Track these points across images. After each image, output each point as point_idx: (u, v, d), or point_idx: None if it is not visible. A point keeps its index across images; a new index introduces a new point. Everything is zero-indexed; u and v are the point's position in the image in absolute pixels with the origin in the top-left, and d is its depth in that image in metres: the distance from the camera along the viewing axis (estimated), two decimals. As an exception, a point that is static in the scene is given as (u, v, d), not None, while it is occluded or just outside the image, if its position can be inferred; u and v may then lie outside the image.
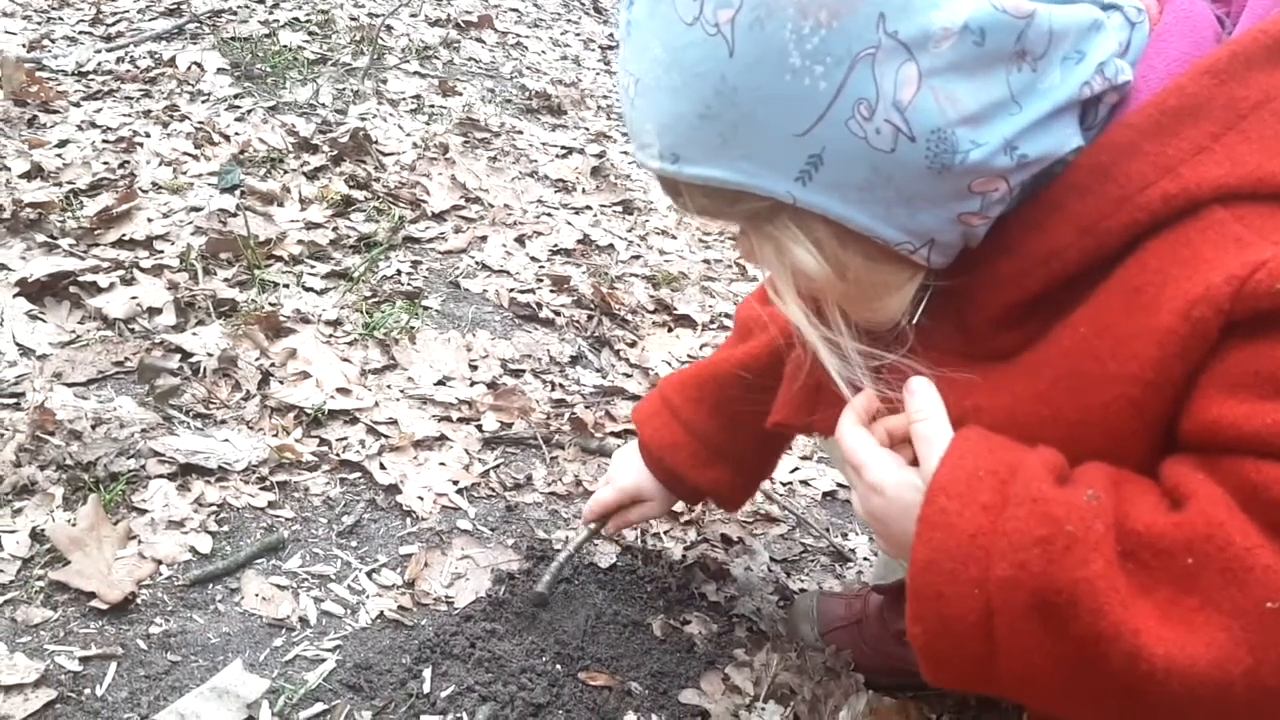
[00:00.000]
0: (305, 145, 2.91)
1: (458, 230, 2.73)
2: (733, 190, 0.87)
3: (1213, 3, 0.95)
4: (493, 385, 2.13)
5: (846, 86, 0.79)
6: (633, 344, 2.45)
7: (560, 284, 2.57)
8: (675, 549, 1.80)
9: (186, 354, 1.97)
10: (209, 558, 1.57)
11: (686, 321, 2.59)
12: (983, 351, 0.98)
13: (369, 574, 1.61)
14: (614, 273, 2.72)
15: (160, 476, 1.67)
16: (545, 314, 2.44)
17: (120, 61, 3.30)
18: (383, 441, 1.88)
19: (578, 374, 2.27)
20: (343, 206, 2.65)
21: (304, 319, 2.16)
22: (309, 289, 2.29)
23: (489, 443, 1.97)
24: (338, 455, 1.82)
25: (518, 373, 2.21)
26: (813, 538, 1.94)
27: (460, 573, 1.64)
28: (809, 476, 2.11)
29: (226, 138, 2.87)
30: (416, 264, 2.51)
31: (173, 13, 3.71)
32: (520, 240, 2.77)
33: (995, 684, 0.87)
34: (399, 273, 2.44)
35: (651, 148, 0.89)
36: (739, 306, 1.57)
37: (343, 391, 1.97)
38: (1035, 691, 0.87)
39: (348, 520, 1.70)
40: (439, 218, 2.76)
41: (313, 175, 2.78)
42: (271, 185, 2.64)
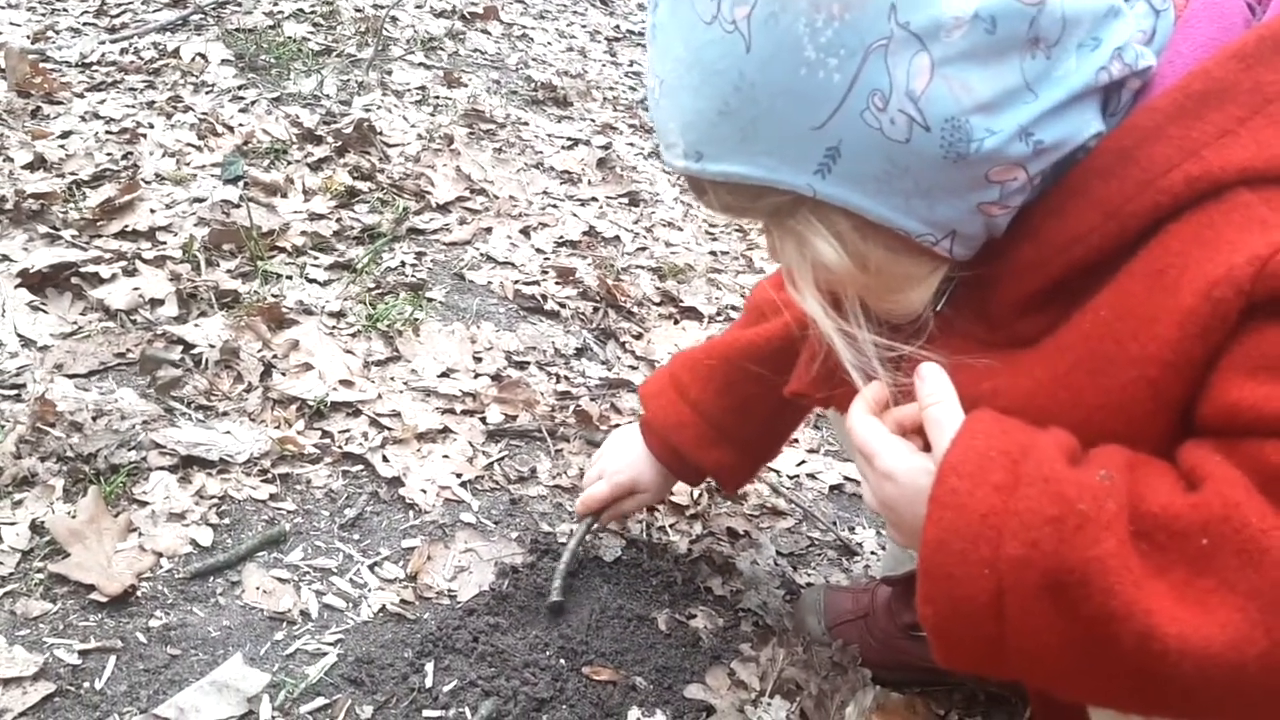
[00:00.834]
0: (309, 136, 2.89)
1: (462, 222, 2.71)
2: (755, 186, 0.88)
3: None
4: (497, 377, 2.11)
5: (860, 78, 0.80)
6: (638, 336, 2.43)
7: (565, 276, 2.55)
8: (681, 543, 1.78)
9: (188, 345, 1.96)
10: (210, 550, 1.55)
11: (692, 314, 2.58)
12: (1004, 338, 0.97)
13: (371, 567, 1.59)
14: (619, 264, 2.70)
15: (161, 469, 1.66)
16: (550, 306, 2.42)
17: (124, 53, 3.29)
18: (385, 434, 1.86)
19: (583, 366, 2.25)
20: (346, 198, 2.63)
21: (307, 310, 2.15)
22: (312, 280, 2.28)
23: (493, 435, 1.96)
24: (340, 447, 1.81)
25: (522, 365, 2.19)
26: (819, 531, 1.92)
27: (463, 566, 1.63)
28: (816, 470, 2.09)
29: (230, 129, 2.85)
30: (421, 255, 2.50)
31: (177, 4, 3.69)
32: (525, 232, 2.75)
33: (1007, 665, 0.86)
34: (403, 264, 2.43)
35: (676, 147, 0.90)
36: (753, 289, 1.56)
37: (345, 383, 1.95)
38: (1047, 672, 0.86)
39: (350, 513, 1.68)
40: (444, 209, 2.75)
41: (316, 166, 2.76)
42: (275, 176, 2.62)
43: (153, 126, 2.80)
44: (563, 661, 1.45)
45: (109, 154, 2.60)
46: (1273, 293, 0.79)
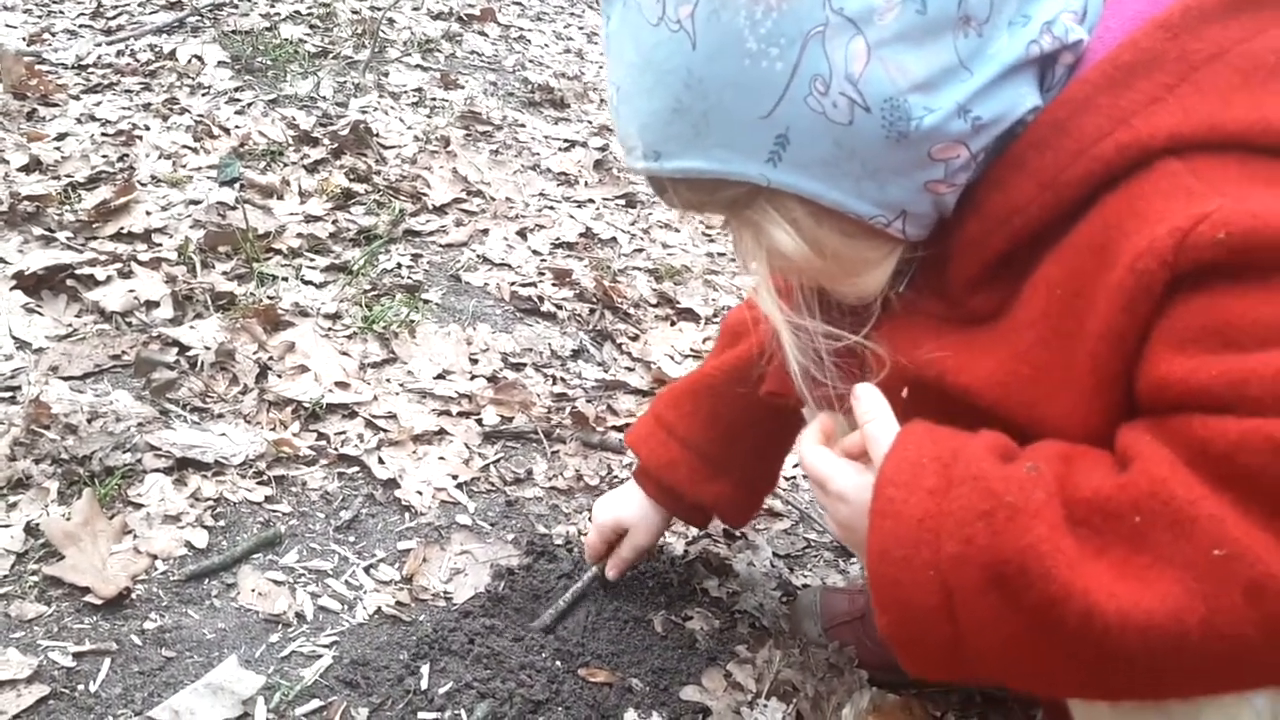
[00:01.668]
0: (305, 138, 2.89)
1: (459, 223, 2.71)
2: (711, 179, 0.91)
3: None
4: (493, 379, 2.11)
5: (801, 65, 0.82)
6: (635, 338, 2.43)
7: (562, 277, 2.55)
8: (677, 544, 1.78)
9: (184, 347, 1.95)
10: (205, 553, 1.55)
11: (689, 315, 2.57)
12: (963, 315, 0.99)
13: (367, 569, 1.59)
14: (616, 266, 2.70)
15: (156, 471, 1.65)
16: (547, 307, 2.42)
17: (120, 55, 3.29)
18: (381, 436, 1.86)
19: (579, 368, 2.25)
20: (343, 200, 2.63)
21: (303, 312, 2.15)
22: (308, 282, 2.27)
23: (489, 437, 1.95)
24: (336, 449, 1.80)
25: (518, 366, 2.19)
26: (816, 533, 1.92)
27: (459, 568, 1.63)
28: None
29: (226, 131, 2.85)
30: (417, 257, 2.49)
31: (173, 6, 3.69)
32: (522, 233, 2.75)
33: (967, 665, 0.87)
34: (399, 266, 2.43)
35: (636, 150, 0.93)
36: (726, 315, 1.55)
37: (341, 385, 1.95)
38: (1005, 668, 0.88)
39: (345, 515, 1.68)
40: (440, 211, 2.74)
41: (313, 168, 2.76)
42: (271, 178, 2.62)
43: (149, 128, 2.80)
44: (558, 663, 1.44)
45: (105, 156, 2.60)
46: (1195, 264, 0.79)
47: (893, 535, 0.87)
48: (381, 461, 1.80)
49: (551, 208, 2.96)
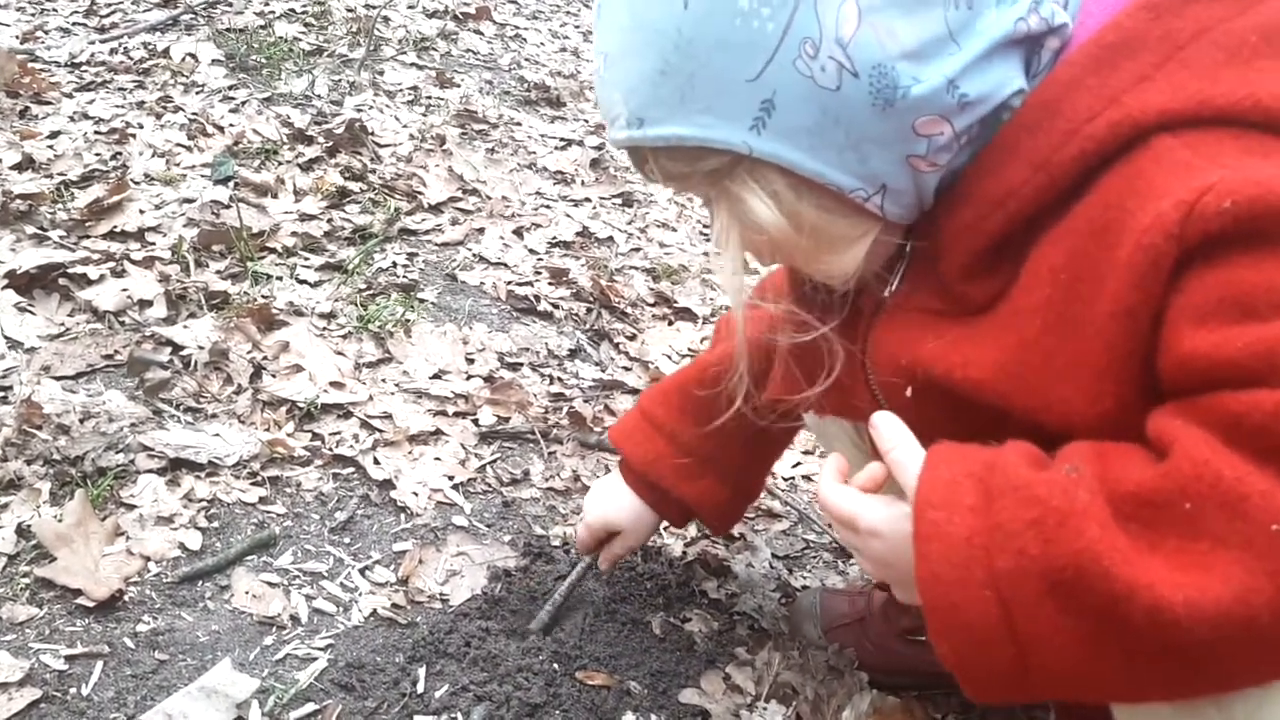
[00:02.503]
0: (300, 137, 2.88)
1: (455, 222, 2.69)
2: (694, 148, 0.90)
3: None
4: (489, 379, 2.10)
5: (792, 26, 0.83)
6: (632, 337, 2.41)
7: (559, 276, 2.54)
8: (675, 545, 1.77)
9: (177, 347, 1.93)
10: (198, 554, 1.54)
11: (687, 314, 2.56)
12: (960, 307, 0.98)
13: (362, 571, 1.58)
14: (613, 265, 2.69)
15: (149, 471, 1.64)
16: (543, 307, 2.40)
17: (114, 53, 3.26)
18: (377, 436, 1.85)
19: (576, 367, 2.24)
20: (338, 198, 2.61)
21: (297, 312, 2.13)
22: (303, 281, 2.26)
23: (485, 437, 1.94)
24: (331, 450, 1.79)
25: (515, 366, 2.17)
26: (815, 534, 1.90)
27: (455, 570, 1.61)
28: (811, 471, 2.08)
29: (220, 129, 2.83)
30: (412, 256, 2.48)
31: (167, 4, 3.66)
32: (518, 232, 2.73)
33: (1035, 685, 0.85)
34: (394, 265, 2.41)
35: (620, 119, 0.93)
36: (721, 317, 1.54)
37: (336, 385, 1.94)
38: (1076, 681, 0.84)
39: (340, 516, 1.66)
40: (436, 209, 2.73)
41: (307, 167, 2.74)
42: (265, 177, 2.60)
43: (142, 127, 2.78)
44: (556, 666, 1.43)
45: (98, 154, 2.58)
46: (1204, 235, 0.78)
47: (942, 558, 0.84)
48: (377, 462, 1.79)
49: (548, 206, 2.94)
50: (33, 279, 2.04)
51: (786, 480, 2.04)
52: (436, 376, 2.06)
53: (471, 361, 2.14)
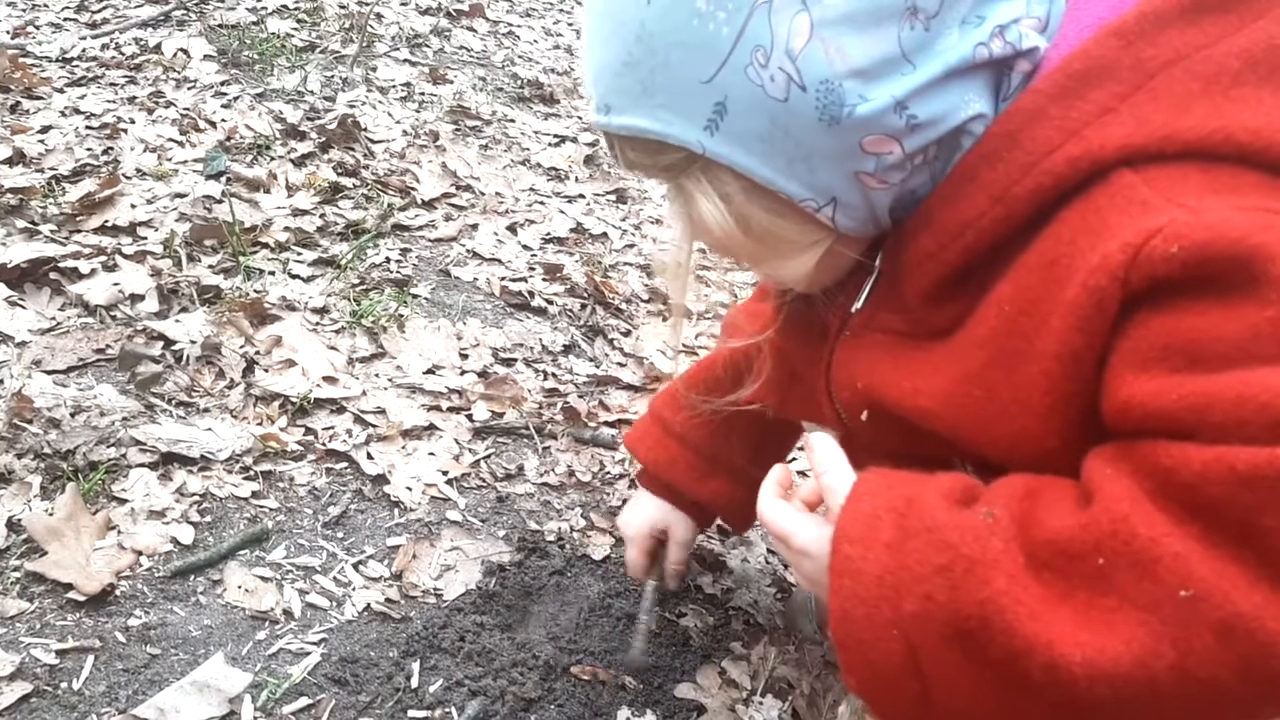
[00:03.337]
0: (293, 132, 2.86)
1: (448, 218, 2.69)
2: (654, 141, 0.90)
3: None
4: (484, 374, 2.09)
5: (745, 33, 0.81)
6: (626, 333, 2.41)
7: (553, 272, 2.53)
8: (670, 540, 1.76)
9: (169, 341, 1.92)
10: (191, 549, 1.52)
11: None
12: (922, 330, 0.97)
13: (355, 566, 1.57)
14: (607, 261, 2.68)
15: (141, 465, 1.63)
16: (537, 302, 2.40)
17: (106, 48, 3.25)
18: (370, 431, 1.84)
19: (570, 363, 2.23)
20: (330, 194, 2.60)
21: (290, 306, 2.12)
22: (295, 276, 2.25)
23: (479, 432, 1.93)
24: (324, 445, 1.78)
25: (509, 362, 2.17)
26: (810, 529, 1.90)
27: (449, 564, 1.60)
28: (807, 468, 2.07)
29: (213, 124, 2.82)
30: (406, 251, 2.47)
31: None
32: (512, 228, 2.73)
33: (942, 718, 0.84)
34: (388, 260, 2.40)
35: (592, 101, 0.93)
36: (728, 313, 1.54)
37: (329, 380, 1.93)
38: None
39: (334, 511, 1.66)
40: (429, 205, 2.72)
41: (300, 162, 2.73)
42: (258, 172, 2.59)
43: (134, 122, 2.77)
44: (551, 660, 1.42)
45: (89, 149, 2.57)
46: (1150, 280, 0.76)
47: (853, 595, 0.84)
48: (370, 457, 1.78)
49: (542, 203, 2.94)
50: (24, 273, 2.03)
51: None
52: (430, 371, 2.05)
53: (465, 357, 2.13)
